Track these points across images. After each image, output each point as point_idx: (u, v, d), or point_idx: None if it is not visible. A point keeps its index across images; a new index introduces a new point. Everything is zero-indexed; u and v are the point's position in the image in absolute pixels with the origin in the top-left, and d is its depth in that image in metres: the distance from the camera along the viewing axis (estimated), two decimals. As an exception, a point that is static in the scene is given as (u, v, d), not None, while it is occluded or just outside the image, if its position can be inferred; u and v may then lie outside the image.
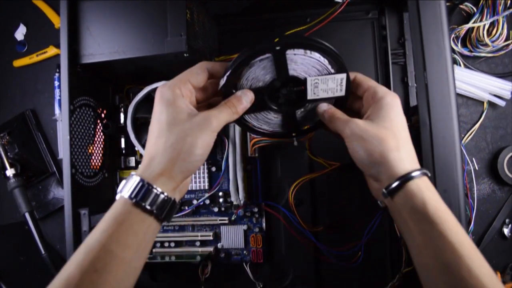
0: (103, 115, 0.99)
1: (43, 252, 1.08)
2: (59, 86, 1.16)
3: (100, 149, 0.97)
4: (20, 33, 1.27)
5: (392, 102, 0.64)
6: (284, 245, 1.00)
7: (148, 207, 0.58)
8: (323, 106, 0.71)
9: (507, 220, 1.00)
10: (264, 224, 0.99)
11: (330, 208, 0.99)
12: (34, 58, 1.24)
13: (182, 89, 0.64)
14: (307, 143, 0.94)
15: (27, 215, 1.08)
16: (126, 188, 0.59)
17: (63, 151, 0.86)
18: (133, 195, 0.57)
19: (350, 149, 0.65)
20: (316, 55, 0.66)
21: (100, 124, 0.97)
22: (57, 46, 1.22)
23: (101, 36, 0.87)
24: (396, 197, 0.60)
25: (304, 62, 0.66)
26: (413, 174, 0.58)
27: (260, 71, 0.67)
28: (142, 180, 0.58)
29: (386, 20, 0.98)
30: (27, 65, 1.26)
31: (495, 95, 1.02)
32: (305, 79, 0.67)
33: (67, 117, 0.86)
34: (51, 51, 1.23)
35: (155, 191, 0.58)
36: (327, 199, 1.00)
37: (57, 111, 1.20)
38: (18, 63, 1.26)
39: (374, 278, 0.95)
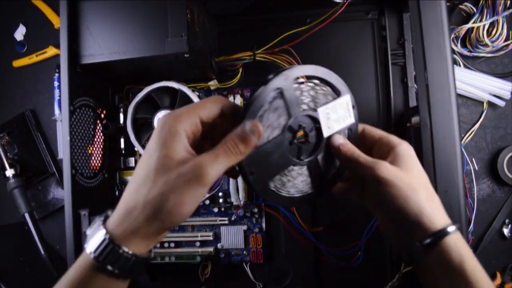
0: (102, 116, 0.98)
1: (42, 252, 1.08)
2: (59, 87, 1.17)
3: (100, 149, 0.97)
4: (19, 33, 1.26)
5: (410, 150, 0.60)
6: (284, 245, 1.00)
7: (116, 271, 0.50)
8: (338, 139, 0.63)
9: (506, 220, 1.00)
10: (264, 225, 0.99)
11: (329, 208, 0.99)
12: (33, 58, 1.24)
13: (186, 123, 0.52)
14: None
15: (26, 215, 1.08)
16: (91, 243, 0.50)
17: (63, 152, 0.86)
18: (97, 255, 0.49)
19: (379, 197, 0.58)
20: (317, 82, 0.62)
21: (100, 125, 0.97)
22: (57, 46, 1.21)
23: (101, 36, 0.87)
24: (430, 252, 0.56)
25: (310, 91, 0.61)
26: (449, 229, 0.55)
27: (273, 115, 0.57)
28: (110, 238, 0.50)
29: (386, 20, 0.98)
30: (26, 65, 1.25)
31: (494, 95, 1.02)
32: (316, 111, 0.60)
33: (67, 117, 0.86)
34: (50, 51, 1.22)
35: (125, 254, 0.50)
36: (326, 199, 0.99)
37: (56, 111, 1.20)
38: (17, 63, 1.25)
39: (374, 278, 0.95)
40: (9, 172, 1.11)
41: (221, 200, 0.99)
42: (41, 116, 1.26)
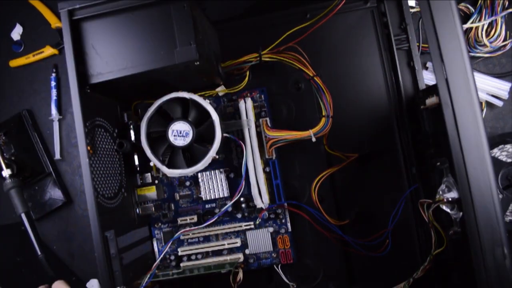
0: (115, 134, 0.96)
1: (39, 253, 1.08)
2: (56, 87, 1.19)
3: (117, 168, 0.95)
4: (16, 33, 1.25)
5: None
6: (312, 243, 1.01)
7: None
8: None
9: None
10: (289, 224, 1.00)
11: (353, 200, 1.01)
12: (30, 58, 1.22)
13: None
14: (324, 138, 0.96)
15: (23, 215, 1.07)
16: None
17: (84, 175, 0.83)
18: None
19: None
20: None
21: (113, 143, 0.95)
22: (54, 46, 1.21)
23: (108, 54, 0.84)
24: None
25: None
26: None
27: None
28: None
29: (385, 7, 1.00)
30: (23, 65, 1.24)
31: (492, 95, 1.04)
32: None
33: (83, 139, 0.82)
34: (47, 51, 1.21)
35: None
36: (348, 191, 1.01)
37: (53, 111, 1.20)
38: (14, 63, 1.23)
39: (405, 264, 0.94)
40: (6, 172, 1.10)
41: (243, 205, 0.99)
42: (38, 116, 1.24)
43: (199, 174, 1.00)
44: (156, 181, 1.02)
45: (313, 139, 0.92)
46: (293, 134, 0.93)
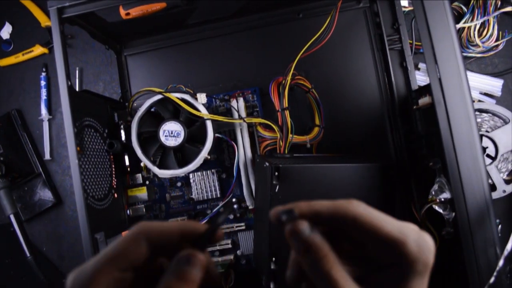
0: (105, 134, 0.95)
1: (28, 255, 1.08)
2: (46, 86, 1.18)
3: (107, 169, 0.95)
4: (5, 31, 1.24)
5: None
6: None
7: None
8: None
9: (498, 221, 1.02)
10: (281, 225, 0.99)
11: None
12: (20, 57, 1.22)
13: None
14: (314, 147, 0.96)
15: (11, 217, 1.08)
16: None
17: (73, 176, 0.83)
18: None
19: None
20: None
21: (104, 144, 0.94)
22: (43, 45, 1.21)
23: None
24: None
25: None
26: None
27: None
28: None
29: (378, 7, 0.99)
30: (13, 64, 1.24)
31: (485, 94, 1.04)
32: None
33: (73, 140, 0.82)
34: (37, 50, 1.21)
35: None
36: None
37: (43, 111, 1.19)
38: (3, 62, 1.23)
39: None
40: (-5, 173, 1.09)
41: (235, 206, 0.98)
42: (27, 116, 1.24)
43: (191, 175, 0.99)
44: (147, 182, 1.01)
45: (308, 145, 0.93)
46: (290, 136, 0.92)
